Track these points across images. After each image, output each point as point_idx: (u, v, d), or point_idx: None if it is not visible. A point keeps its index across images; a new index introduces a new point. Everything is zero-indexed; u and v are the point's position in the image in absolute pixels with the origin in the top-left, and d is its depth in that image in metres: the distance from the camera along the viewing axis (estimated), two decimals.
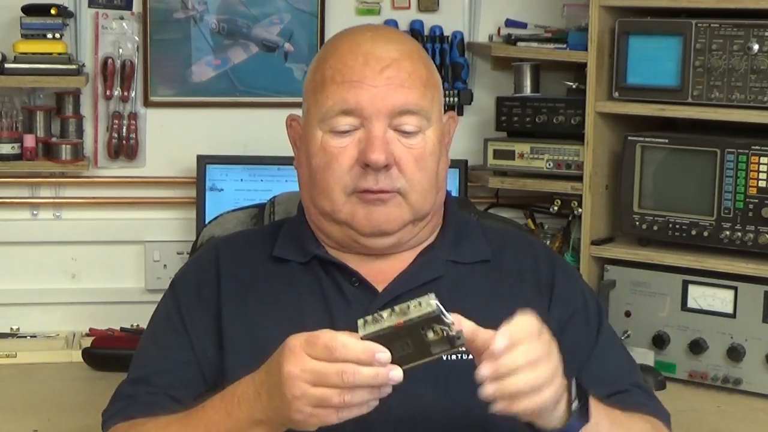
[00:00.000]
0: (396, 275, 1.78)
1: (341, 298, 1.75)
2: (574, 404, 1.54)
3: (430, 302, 1.42)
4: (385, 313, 1.43)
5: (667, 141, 2.75)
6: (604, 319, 1.86)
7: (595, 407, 1.59)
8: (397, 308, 1.43)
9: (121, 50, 3.02)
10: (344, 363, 1.43)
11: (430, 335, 1.42)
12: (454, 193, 2.99)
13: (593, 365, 1.78)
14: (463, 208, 2.06)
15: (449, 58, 3.15)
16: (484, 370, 1.44)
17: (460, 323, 1.44)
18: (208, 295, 1.79)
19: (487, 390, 1.44)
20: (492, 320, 1.50)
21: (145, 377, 1.75)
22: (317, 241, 1.82)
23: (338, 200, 1.75)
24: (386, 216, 1.74)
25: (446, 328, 1.42)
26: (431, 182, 1.77)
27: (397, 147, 1.73)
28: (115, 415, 1.74)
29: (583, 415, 1.55)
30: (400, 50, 1.77)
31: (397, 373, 1.43)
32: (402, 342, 1.42)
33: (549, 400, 1.48)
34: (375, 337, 1.42)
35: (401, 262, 1.80)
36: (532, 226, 3.15)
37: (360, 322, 1.45)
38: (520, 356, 1.45)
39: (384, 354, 1.42)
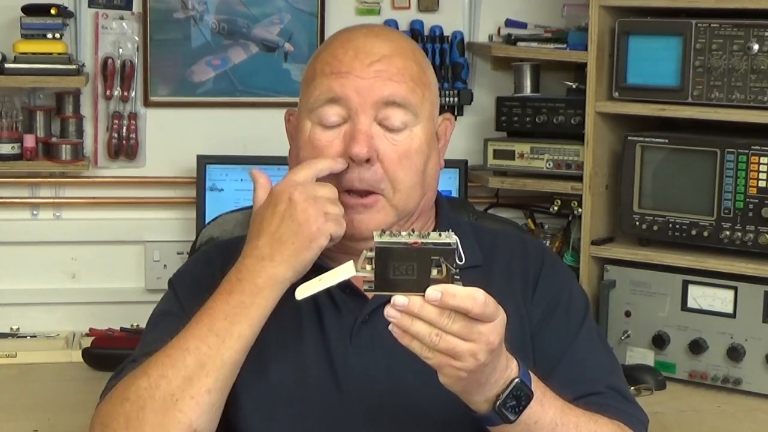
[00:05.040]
0: None
1: (331, 304, 1.75)
2: (501, 399, 1.53)
3: (451, 236, 1.45)
4: (405, 232, 1.46)
5: (667, 141, 2.74)
6: (588, 319, 1.84)
7: (544, 411, 1.58)
8: (417, 232, 1.46)
9: (121, 50, 3.02)
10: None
11: (434, 272, 1.43)
12: (454, 193, 3.00)
13: (568, 362, 1.77)
14: (461, 210, 2.05)
15: (449, 58, 3.15)
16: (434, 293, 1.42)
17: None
18: (207, 293, 1.79)
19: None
20: None
21: (146, 353, 1.72)
22: None
23: None
24: (369, 221, 1.73)
25: (453, 268, 1.43)
26: (415, 180, 1.75)
27: (381, 142, 1.73)
28: (114, 380, 1.72)
29: (506, 416, 1.54)
30: (393, 48, 1.76)
31: None
32: (408, 265, 1.43)
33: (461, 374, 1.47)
34: (386, 248, 1.43)
35: None
36: (532, 226, 3.15)
37: (377, 232, 1.46)
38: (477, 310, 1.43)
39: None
